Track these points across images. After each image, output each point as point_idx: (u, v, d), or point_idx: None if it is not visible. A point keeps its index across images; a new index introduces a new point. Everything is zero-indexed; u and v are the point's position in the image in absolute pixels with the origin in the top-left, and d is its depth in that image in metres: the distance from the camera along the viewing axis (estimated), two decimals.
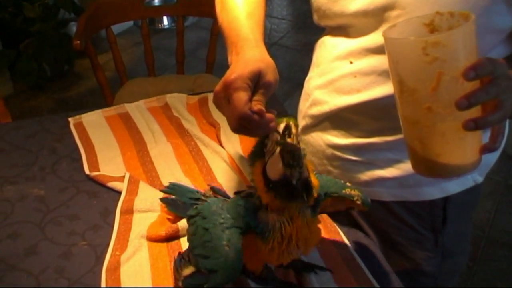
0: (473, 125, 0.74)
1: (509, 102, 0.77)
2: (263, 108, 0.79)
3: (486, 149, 0.81)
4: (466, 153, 0.81)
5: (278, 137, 0.77)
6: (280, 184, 0.79)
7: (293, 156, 0.76)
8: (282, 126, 0.78)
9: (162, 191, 1.18)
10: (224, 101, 0.81)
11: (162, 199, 1.17)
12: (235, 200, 0.90)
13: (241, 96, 0.78)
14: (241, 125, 0.78)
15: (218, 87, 0.82)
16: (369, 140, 1.07)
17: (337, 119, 1.10)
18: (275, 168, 0.78)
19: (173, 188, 1.17)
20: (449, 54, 0.73)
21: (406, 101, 0.80)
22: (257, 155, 0.82)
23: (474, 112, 0.76)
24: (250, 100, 0.80)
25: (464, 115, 0.74)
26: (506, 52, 0.99)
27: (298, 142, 0.77)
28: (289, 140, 0.76)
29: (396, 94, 0.81)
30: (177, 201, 1.13)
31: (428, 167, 0.83)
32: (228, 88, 0.80)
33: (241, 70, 0.81)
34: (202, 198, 1.08)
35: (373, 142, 1.07)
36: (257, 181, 0.82)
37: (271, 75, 0.84)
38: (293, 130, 0.77)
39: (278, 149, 0.77)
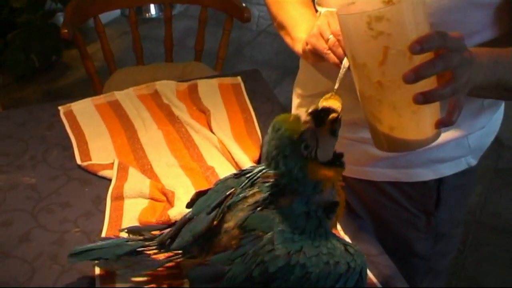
0: (422, 99, 0.73)
1: (464, 76, 0.76)
2: None
3: (442, 123, 0.80)
4: (420, 127, 0.81)
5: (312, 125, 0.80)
6: (333, 158, 0.85)
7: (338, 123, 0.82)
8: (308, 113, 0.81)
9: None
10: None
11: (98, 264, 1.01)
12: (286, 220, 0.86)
13: None
14: None
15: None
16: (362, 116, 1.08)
17: None
18: (327, 149, 0.83)
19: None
20: (393, 28, 0.74)
21: (359, 76, 0.82)
22: (304, 163, 0.82)
23: (427, 85, 0.75)
24: None
25: (415, 88, 0.73)
26: (491, 36, 0.98)
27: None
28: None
29: (352, 70, 0.83)
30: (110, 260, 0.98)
31: (385, 142, 0.84)
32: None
33: None
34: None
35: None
36: (325, 175, 0.84)
37: None
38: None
39: (322, 135, 0.81)
